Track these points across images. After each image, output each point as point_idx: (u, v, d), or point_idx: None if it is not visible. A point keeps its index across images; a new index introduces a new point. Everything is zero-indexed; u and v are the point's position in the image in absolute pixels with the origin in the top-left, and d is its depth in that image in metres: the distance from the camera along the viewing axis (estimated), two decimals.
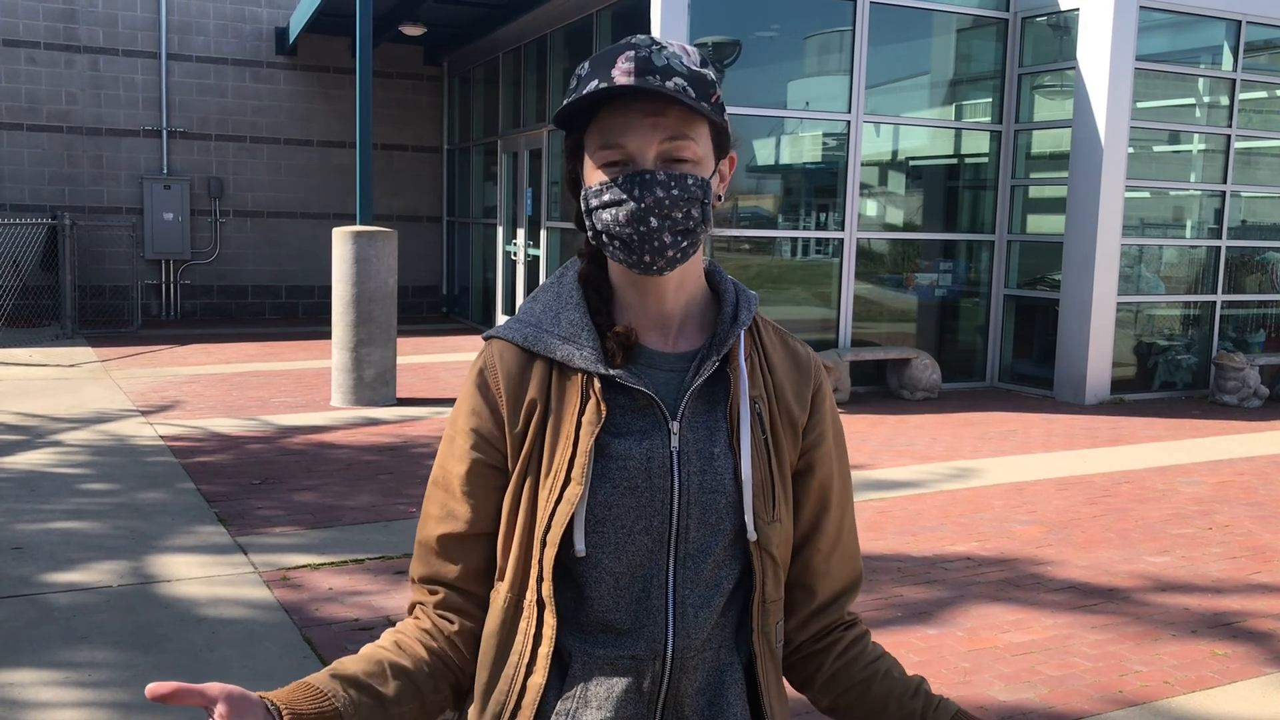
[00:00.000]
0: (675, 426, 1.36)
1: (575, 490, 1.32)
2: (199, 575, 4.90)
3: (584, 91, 1.29)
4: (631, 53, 1.30)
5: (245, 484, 6.50)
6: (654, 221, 1.30)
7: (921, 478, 7.16)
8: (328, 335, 9.81)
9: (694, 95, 1.29)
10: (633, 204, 1.30)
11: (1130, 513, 6.43)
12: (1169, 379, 11.18)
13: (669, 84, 1.28)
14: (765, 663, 1.41)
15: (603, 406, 1.34)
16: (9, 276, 13.01)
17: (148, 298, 15.40)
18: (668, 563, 1.35)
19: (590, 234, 1.36)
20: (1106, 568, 5.37)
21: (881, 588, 4.98)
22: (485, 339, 1.45)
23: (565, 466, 1.34)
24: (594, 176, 1.34)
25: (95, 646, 4.09)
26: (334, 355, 9.22)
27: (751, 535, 1.37)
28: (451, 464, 1.41)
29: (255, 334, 14.05)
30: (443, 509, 1.41)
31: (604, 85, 1.28)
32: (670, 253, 1.32)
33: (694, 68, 1.32)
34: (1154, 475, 7.43)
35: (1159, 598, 4.97)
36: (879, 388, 10.73)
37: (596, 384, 1.35)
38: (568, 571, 1.36)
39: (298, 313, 16.36)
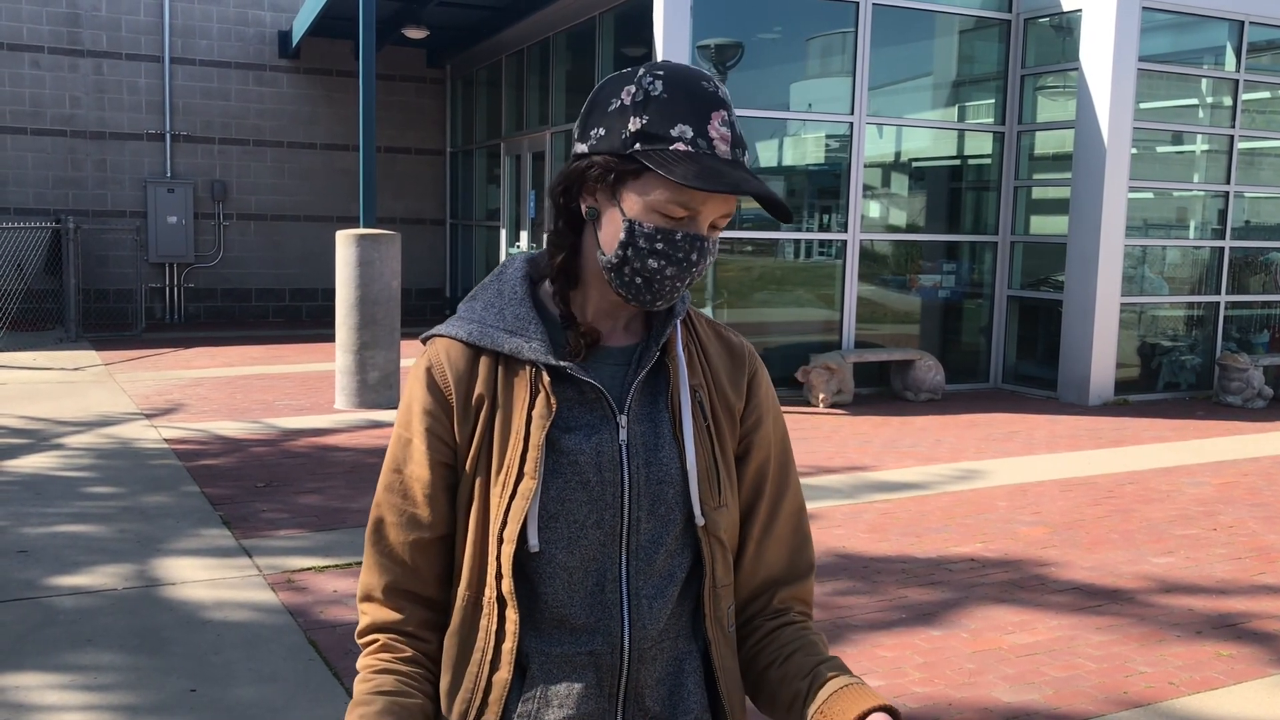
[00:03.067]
0: (623, 420, 1.37)
1: (529, 485, 1.33)
2: (204, 578, 4.90)
3: (696, 153, 1.29)
4: (725, 113, 1.32)
5: (249, 487, 6.51)
6: (687, 279, 1.36)
7: (926, 479, 7.16)
8: (331, 338, 9.83)
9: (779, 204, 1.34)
10: (684, 265, 1.34)
11: (1134, 514, 6.42)
12: (1173, 380, 11.17)
13: (745, 157, 1.34)
14: (720, 648, 1.42)
15: (553, 400, 1.35)
16: (13, 280, 13.03)
17: (151, 301, 15.42)
18: (620, 556, 1.36)
19: (616, 260, 1.35)
20: (1111, 569, 5.37)
21: (886, 589, 4.98)
22: (424, 340, 1.44)
23: (517, 462, 1.34)
24: (648, 215, 1.33)
25: (100, 649, 4.09)
26: (338, 358, 9.23)
27: (699, 521, 1.38)
28: (409, 468, 1.39)
29: (259, 337, 14.07)
30: (402, 515, 1.39)
31: (728, 177, 1.28)
32: (674, 297, 1.38)
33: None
34: (1158, 476, 7.42)
35: (1164, 599, 4.96)
36: (883, 389, 10.72)
37: (545, 377, 1.36)
38: (521, 568, 1.36)
39: (301, 315, 16.37)
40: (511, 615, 1.35)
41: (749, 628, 1.48)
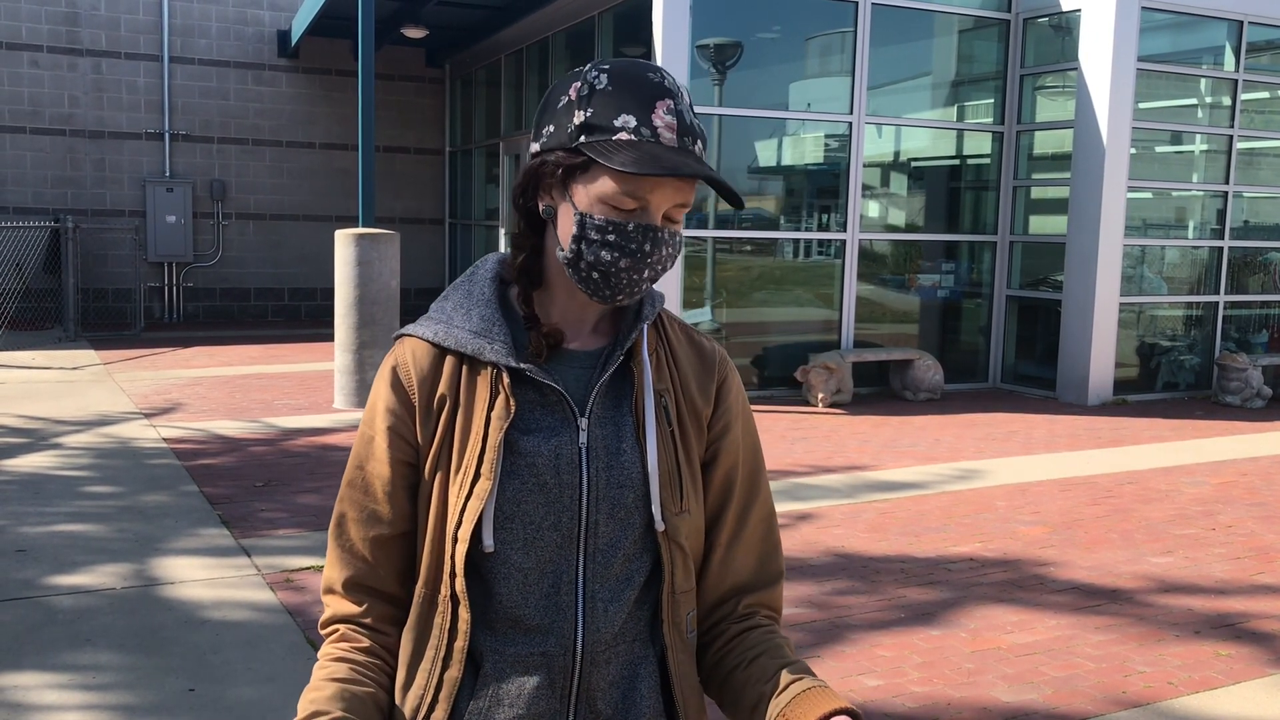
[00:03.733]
0: (584, 423, 1.38)
1: (484, 486, 1.34)
2: (202, 578, 4.90)
3: (639, 141, 1.29)
4: (671, 102, 1.31)
5: (248, 486, 6.51)
6: (646, 272, 1.34)
7: (925, 479, 7.16)
8: (330, 337, 9.83)
9: (707, 161, 1.34)
10: (638, 256, 1.33)
11: (1133, 513, 6.43)
12: (1172, 379, 11.17)
13: (696, 146, 1.32)
14: (677, 654, 1.42)
15: (512, 401, 1.35)
16: (12, 280, 13.02)
17: (150, 300, 15.41)
18: (577, 558, 1.36)
19: (571, 254, 1.35)
20: (1110, 568, 5.37)
21: (885, 589, 4.98)
22: (395, 338, 1.45)
23: (475, 462, 1.35)
24: (598, 208, 1.33)
25: (99, 649, 4.09)
26: (336, 357, 9.22)
27: (659, 526, 1.38)
28: (371, 465, 1.40)
29: (258, 336, 14.06)
30: (363, 511, 1.40)
31: (666, 161, 1.28)
32: (636, 291, 1.36)
33: (696, 117, 1.35)
34: (1157, 476, 7.43)
35: (1162, 598, 4.96)
36: (882, 389, 10.72)
37: (505, 378, 1.36)
38: (476, 568, 1.37)
39: (300, 315, 16.36)
40: (464, 614, 1.35)
41: (714, 632, 1.47)
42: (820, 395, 9.80)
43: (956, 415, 9.60)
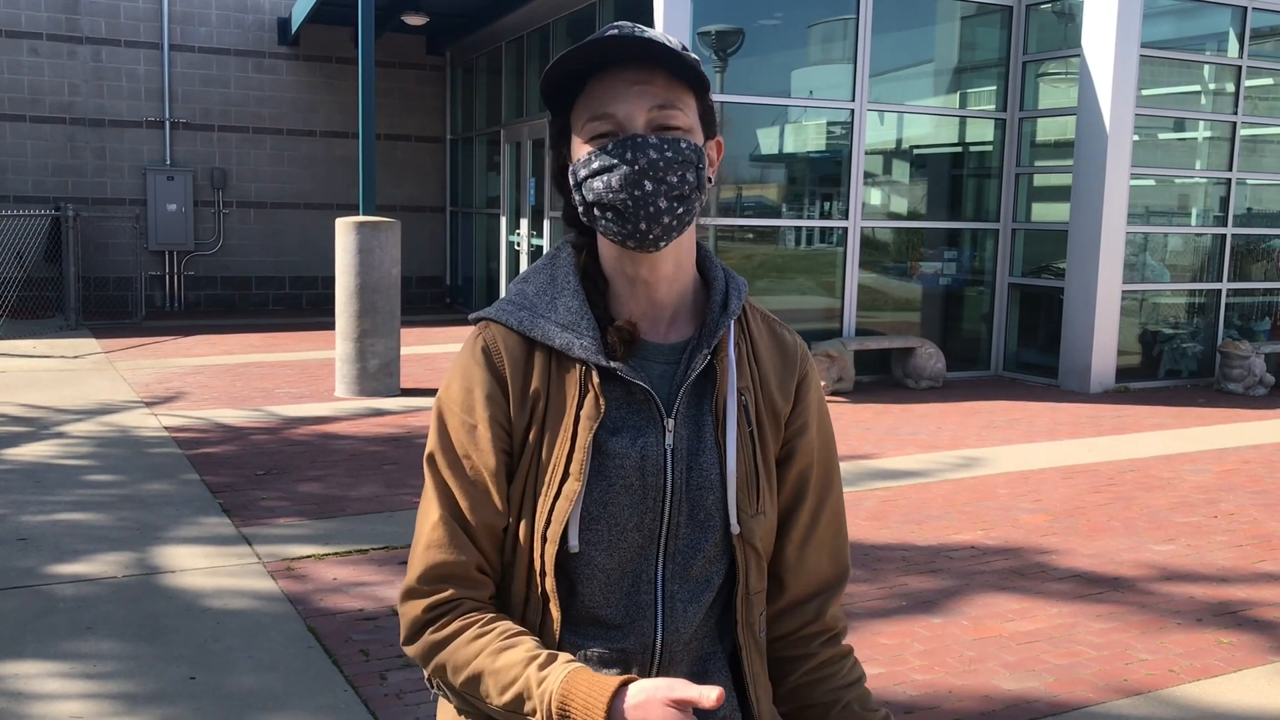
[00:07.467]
0: (670, 424, 1.35)
1: (574, 486, 1.31)
2: (203, 566, 4.90)
3: (569, 52, 1.30)
4: (615, 31, 1.30)
5: (249, 475, 6.50)
6: (648, 185, 1.27)
7: (926, 467, 7.15)
8: (331, 326, 9.82)
9: (680, 59, 1.30)
10: (625, 168, 1.27)
11: (1135, 501, 6.42)
12: (1174, 367, 11.15)
13: (634, 30, 1.30)
14: (750, 653, 1.41)
15: (601, 401, 1.32)
16: (13, 268, 13.01)
17: (151, 289, 15.40)
18: (657, 559, 1.35)
19: (581, 209, 1.33)
20: (1112, 556, 5.36)
21: (886, 577, 4.98)
22: (475, 320, 1.40)
23: (564, 461, 1.32)
24: (582, 150, 1.32)
25: (100, 638, 4.09)
26: (338, 346, 9.22)
27: (735, 528, 1.36)
28: (478, 455, 1.34)
29: (259, 325, 14.05)
30: (474, 501, 1.34)
31: (592, 41, 1.29)
32: (666, 219, 1.29)
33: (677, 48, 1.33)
34: (1159, 464, 7.42)
35: (1164, 586, 4.96)
36: (884, 377, 10.71)
37: (595, 376, 1.33)
38: (559, 566, 1.35)
39: (301, 303, 16.35)
40: (554, 612, 1.34)
41: (805, 651, 1.46)
42: (822, 383, 9.77)
43: (958, 403, 9.59)
